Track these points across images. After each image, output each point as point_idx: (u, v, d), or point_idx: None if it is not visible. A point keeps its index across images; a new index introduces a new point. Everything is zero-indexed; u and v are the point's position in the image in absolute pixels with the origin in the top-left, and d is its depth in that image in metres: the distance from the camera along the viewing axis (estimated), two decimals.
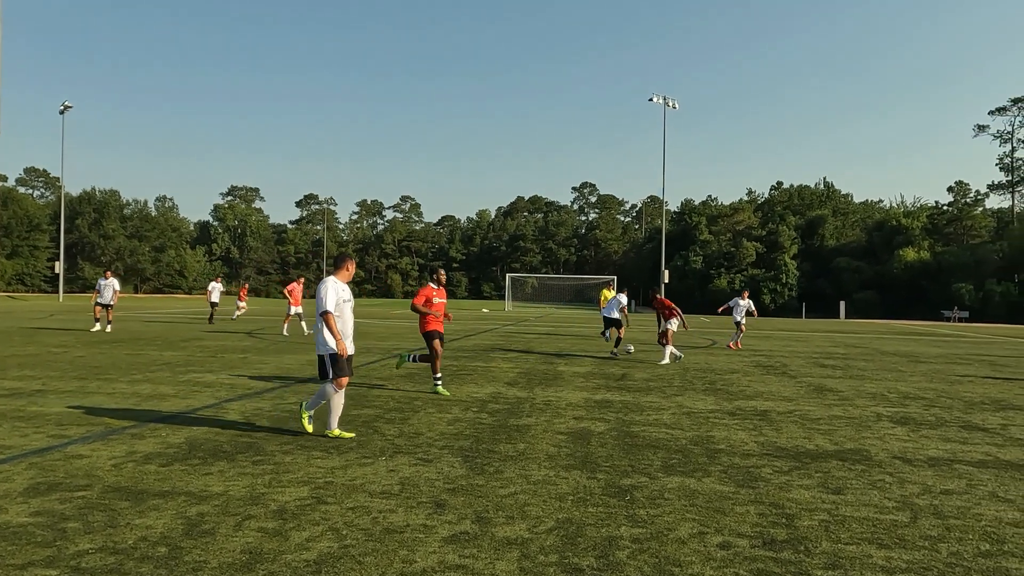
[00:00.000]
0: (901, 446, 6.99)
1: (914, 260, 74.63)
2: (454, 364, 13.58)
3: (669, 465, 5.94)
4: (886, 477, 5.73)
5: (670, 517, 4.54)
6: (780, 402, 9.73)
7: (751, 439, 7.13)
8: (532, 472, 5.58)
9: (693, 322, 41.03)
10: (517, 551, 3.88)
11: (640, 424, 7.81)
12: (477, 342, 19.92)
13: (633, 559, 3.80)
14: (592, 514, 4.56)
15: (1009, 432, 7.90)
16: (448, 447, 6.40)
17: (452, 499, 4.80)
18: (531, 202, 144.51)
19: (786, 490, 5.26)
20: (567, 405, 9.02)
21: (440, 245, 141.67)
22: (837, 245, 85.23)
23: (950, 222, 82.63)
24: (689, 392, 10.50)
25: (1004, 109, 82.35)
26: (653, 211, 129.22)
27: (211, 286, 27.91)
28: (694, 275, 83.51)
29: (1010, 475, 5.92)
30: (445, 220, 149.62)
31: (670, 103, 62.63)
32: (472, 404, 8.89)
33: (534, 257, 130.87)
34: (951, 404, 9.94)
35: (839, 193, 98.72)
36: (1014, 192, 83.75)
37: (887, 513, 4.75)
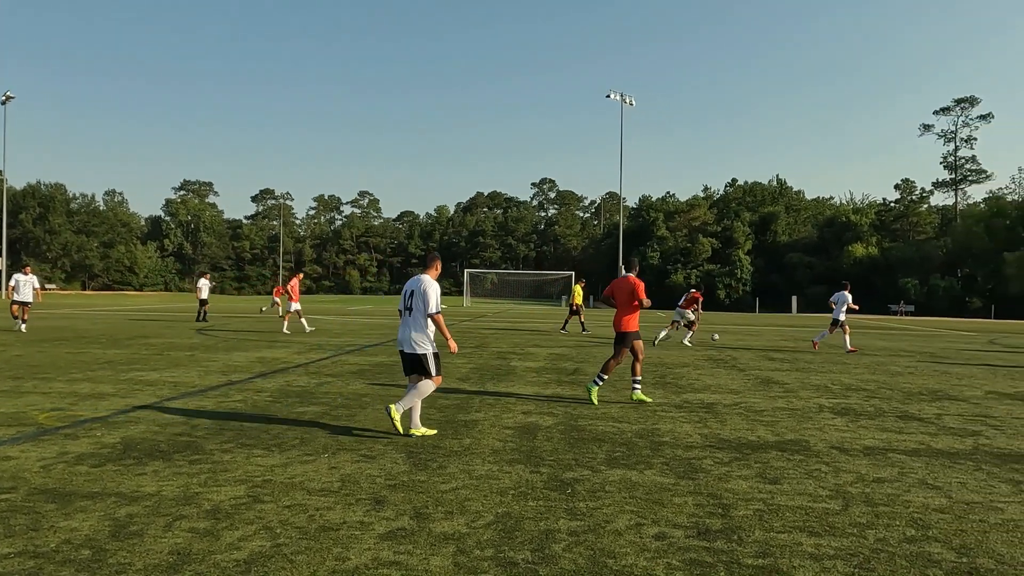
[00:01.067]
0: (839, 436, 7.16)
1: (863, 256, 76.65)
2: None
3: (613, 458, 5.99)
4: (823, 467, 5.87)
5: (609, 509, 4.57)
6: (727, 395, 9.89)
7: (695, 431, 7.23)
8: (475, 467, 5.57)
9: (651, 316, 41.46)
10: (453, 546, 3.86)
11: (588, 418, 7.85)
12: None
13: (568, 551, 3.82)
14: (532, 508, 4.56)
15: (943, 421, 8.16)
16: (393, 443, 6.35)
17: (392, 495, 4.76)
18: (490, 198, 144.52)
19: (725, 481, 5.34)
20: (517, 400, 9.03)
21: (399, 241, 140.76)
22: (790, 241, 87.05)
23: (897, 219, 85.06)
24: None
25: (948, 109, 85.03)
26: (612, 207, 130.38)
27: (200, 283, 27.02)
28: (651, 271, 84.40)
29: (940, 463, 6.10)
30: (404, 216, 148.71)
31: (627, 100, 63.16)
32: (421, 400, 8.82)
33: (494, 253, 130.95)
34: (890, 395, 10.22)
35: (791, 190, 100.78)
36: (957, 190, 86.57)
37: (820, 502, 4.86)
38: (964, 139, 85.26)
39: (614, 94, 62.64)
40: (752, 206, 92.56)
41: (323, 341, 17.80)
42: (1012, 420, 8.35)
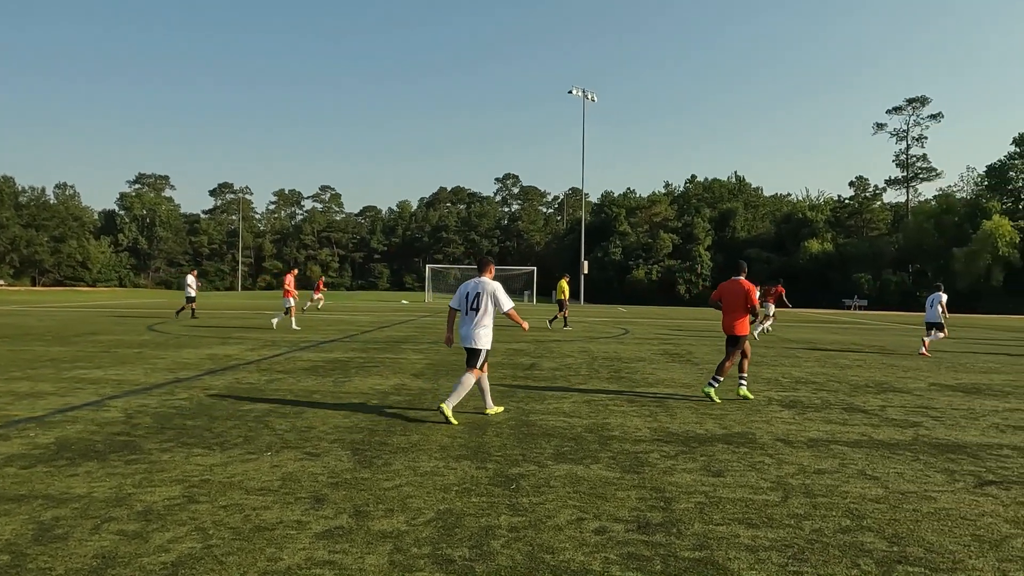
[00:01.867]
0: (785, 428, 7.27)
1: (818, 251, 78.17)
2: (362, 356, 13.36)
3: (561, 453, 5.98)
4: (766, 459, 5.94)
5: (552, 505, 4.56)
6: (679, 388, 9.98)
7: (645, 425, 7.27)
8: (421, 464, 5.52)
9: (612, 313, 41.77)
10: (391, 544, 3.81)
11: (539, 413, 7.85)
12: (391, 334, 19.68)
13: (507, 548, 3.80)
14: (475, 504, 4.53)
15: (886, 413, 8.34)
16: (339, 440, 6.26)
17: (333, 493, 4.68)
18: (454, 193, 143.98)
19: (670, 474, 5.38)
20: (469, 396, 8.97)
21: (361, 236, 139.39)
22: (748, 237, 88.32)
23: (851, 215, 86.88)
24: (593, 380, 10.64)
25: (900, 108, 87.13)
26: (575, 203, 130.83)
27: (188, 280, 26.37)
28: (613, 266, 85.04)
29: (880, 454, 6.23)
30: (366, 211, 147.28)
31: (589, 96, 63.41)
32: (373, 396, 8.74)
33: (457, 248, 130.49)
34: (838, 388, 10.42)
35: (750, 186, 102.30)
36: (908, 187, 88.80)
37: (761, 494, 4.92)
38: (915, 138, 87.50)
39: (576, 90, 62.83)
40: (712, 202, 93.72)
41: (278, 337, 17.53)
42: (952, 411, 8.57)
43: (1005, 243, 65.22)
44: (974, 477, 5.49)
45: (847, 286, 72.03)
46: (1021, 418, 8.18)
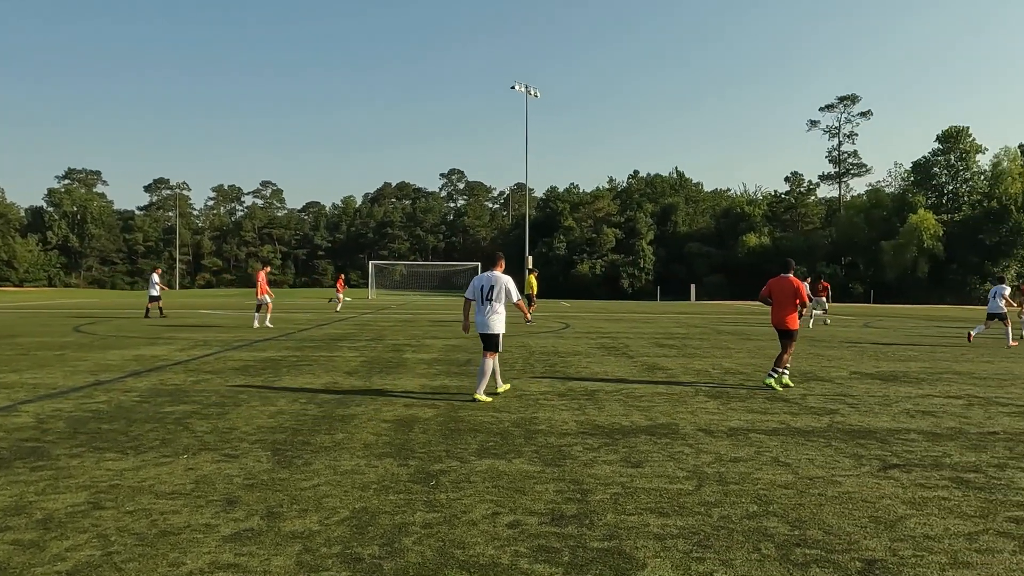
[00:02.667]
0: (708, 419, 7.45)
1: (756, 245, 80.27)
2: (296, 355, 13.15)
3: (485, 448, 6.00)
4: (686, 448, 6.08)
5: (469, 500, 4.58)
6: (611, 382, 10.12)
7: (572, 418, 7.36)
8: (342, 462, 5.46)
9: (555, 308, 42.06)
10: (300, 545, 3.77)
11: (470, 408, 7.86)
12: (329, 332, 19.42)
13: (418, 544, 3.79)
14: (391, 502, 4.51)
15: (806, 401, 8.62)
16: (261, 441, 6.15)
17: (247, 495, 4.60)
18: (399, 188, 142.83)
19: (590, 466, 5.45)
20: (402, 392, 8.94)
21: (304, 232, 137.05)
22: (689, 231, 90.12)
23: (787, 210, 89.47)
24: (528, 375, 10.71)
25: (832, 106, 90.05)
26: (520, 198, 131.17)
27: (153, 278, 25.67)
28: (558, 261, 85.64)
29: (795, 441, 6.44)
30: (309, 206, 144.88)
31: (532, 91, 63.61)
32: (302, 395, 8.61)
33: (402, 244, 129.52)
34: (764, 378, 10.71)
35: (690, 182, 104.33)
36: (841, 183, 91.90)
37: (676, 483, 5.03)
38: (847, 135, 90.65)
39: (519, 85, 62.95)
40: (653, 197, 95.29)
41: (210, 337, 17.11)
42: (868, 398, 8.92)
43: (929, 236, 68.11)
44: (880, 461, 5.73)
45: None
46: (931, 404, 8.57)
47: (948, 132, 76.69)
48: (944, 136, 76.98)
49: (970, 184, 76.62)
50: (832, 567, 3.55)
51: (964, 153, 76.45)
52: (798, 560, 3.64)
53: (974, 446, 6.31)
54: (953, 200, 77.59)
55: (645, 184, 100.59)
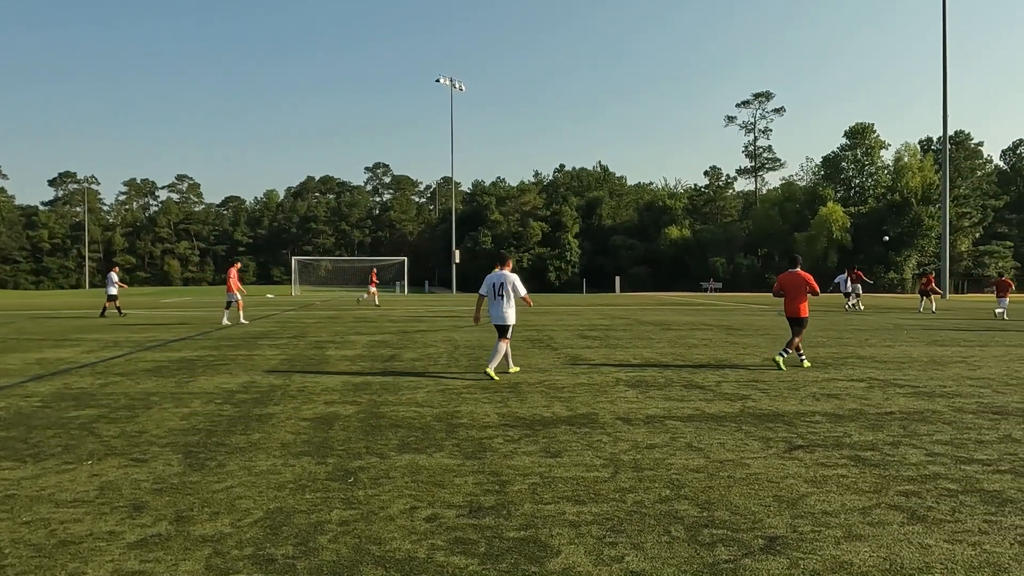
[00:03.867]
0: (627, 408, 7.62)
1: (678, 237, 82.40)
2: (213, 354, 12.75)
3: (406, 443, 5.98)
4: (604, 437, 6.21)
5: (387, 496, 4.56)
6: (534, 373, 10.23)
7: (494, 411, 7.40)
8: (258, 463, 5.35)
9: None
10: (210, 548, 3.67)
11: (392, 404, 7.81)
12: (248, 330, 18.90)
13: (334, 542, 3.76)
14: (307, 501, 4.45)
15: (721, 388, 8.93)
16: (172, 444, 5.95)
17: (155, 500, 4.45)
18: (322, 182, 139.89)
19: (510, 458, 5.51)
20: (323, 390, 8.80)
21: (224, 228, 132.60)
22: (613, 224, 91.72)
23: (707, 203, 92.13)
24: (452, 369, 10.71)
25: (748, 103, 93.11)
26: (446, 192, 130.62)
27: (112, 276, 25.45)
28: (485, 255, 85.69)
29: (708, 427, 6.67)
30: (229, 201, 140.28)
31: (457, 85, 63.41)
32: (218, 395, 8.37)
33: (327, 239, 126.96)
34: (682, 366, 11.05)
35: (614, 176, 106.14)
36: (756, 177, 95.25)
37: (593, 471, 5.14)
38: (762, 130, 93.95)
39: (444, 79, 62.67)
40: (579, 191, 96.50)
41: (122, 338, 16.40)
42: (778, 383, 9.31)
43: (838, 227, 71.41)
44: (786, 443, 6.00)
45: (704, 269, 76.40)
46: (835, 387, 9.01)
47: (855, 128, 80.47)
48: (851, 132, 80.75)
49: (875, 178, 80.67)
50: (736, 545, 3.71)
51: (869, 149, 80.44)
52: (705, 540, 3.78)
53: (872, 426, 6.68)
54: (860, 193, 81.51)
55: (570, 178, 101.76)
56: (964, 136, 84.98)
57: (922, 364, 11.30)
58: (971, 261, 77.76)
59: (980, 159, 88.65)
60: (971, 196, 79.53)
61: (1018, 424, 6.74)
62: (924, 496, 4.53)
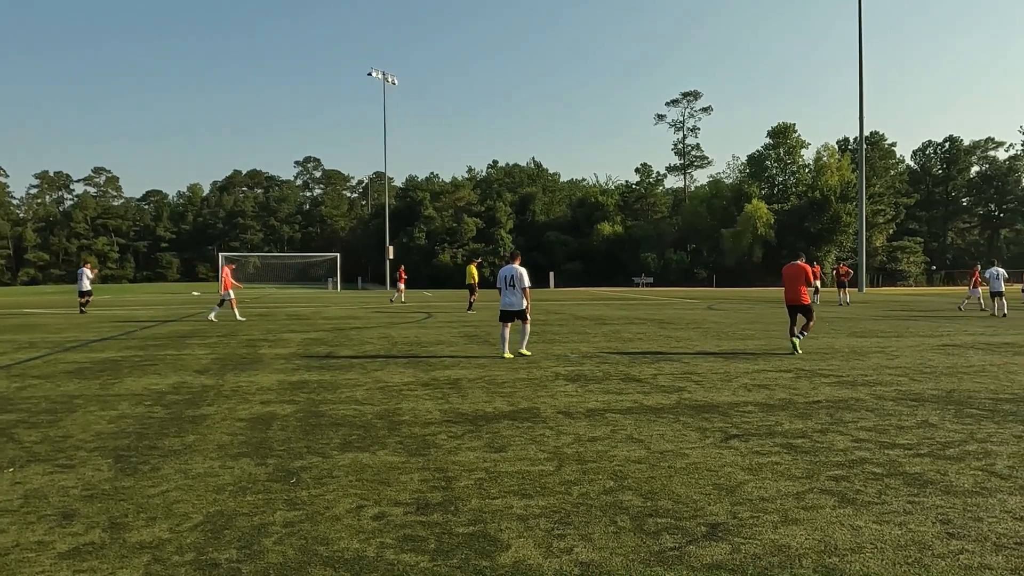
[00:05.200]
0: (568, 401, 7.71)
1: (610, 233, 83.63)
2: (139, 354, 12.27)
3: (348, 442, 5.90)
4: (547, 431, 6.27)
5: (332, 495, 4.49)
6: (474, 369, 10.24)
7: (436, 408, 7.38)
8: (194, 466, 5.18)
9: (418, 297, 41.83)
10: (149, 555, 3.55)
11: (331, 403, 7.69)
12: (176, 328, 18.25)
13: (279, 544, 3.68)
14: (249, 503, 4.34)
15: (657, 381, 9.14)
16: (100, 448, 5.71)
17: (86, 507, 4.27)
18: (250, 176, 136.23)
19: (454, 454, 5.51)
20: (258, 390, 8.59)
21: (145, 223, 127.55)
22: (547, 220, 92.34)
23: (638, 199, 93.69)
24: (390, 367, 10.61)
25: (677, 101, 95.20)
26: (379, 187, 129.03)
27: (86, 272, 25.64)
28: (419, 251, 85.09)
29: (647, 418, 6.82)
30: (150, 195, 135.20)
31: (389, 79, 62.71)
32: (147, 397, 8.06)
33: (255, 235, 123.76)
34: (619, 360, 11.25)
35: (547, 172, 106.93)
36: (685, 174, 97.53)
37: (537, 465, 5.19)
38: (690, 128, 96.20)
39: (376, 72, 61.88)
40: (512, 187, 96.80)
41: (38, 338, 15.60)
42: (712, 375, 9.58)
43: (763, 224, 73.83)
44: (722, 433, 6.19)
45: (636, 265, 77.84)
46: (765, 378, 9.34)
47: (778, 128, 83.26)
48: (774, 132, 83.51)
49: (796, 176, 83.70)
50: (681, 533, 3.81)
51: (791, 148, 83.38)
52: (651, 529, 3.87)
53: (801, 414, 6.95)
54: (783, 191, 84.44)
55: (504, 174, 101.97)
56: (879, 137, 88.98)
57: (844, 355, 11.82)
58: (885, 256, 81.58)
59: (893, 159, 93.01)
60: (885, 194, 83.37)
61: (934, 410, 7.14)
62: (852, 480, 4.75)
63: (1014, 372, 9.77)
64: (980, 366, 10.38)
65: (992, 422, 6.57)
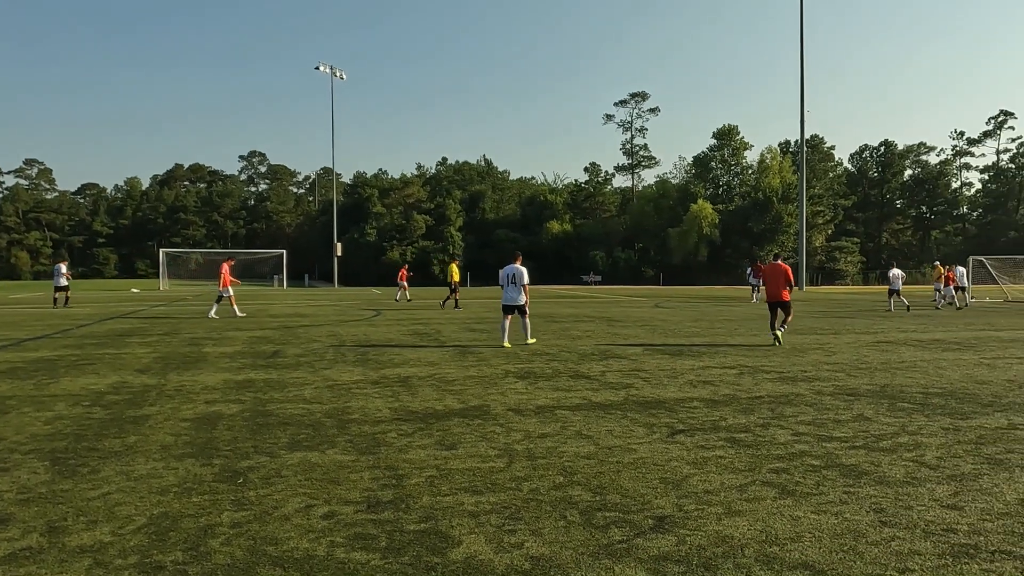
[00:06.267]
0: (518, 399, 7.77)
1: (559, 232, 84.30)
2: (75, 353, 11.86)
3: (296, 441, 5.84)
4: (497, 428, 6.32)
5: (281, 495, 4.44)
6: (424, 367, 10.21)
7: (386, 406, 7.35)
8: (137, 467, 5.06)
9: (366, 295, 41.41)
10: (90, 559, 3.46)
11: (278, 402, 7.58)
12: (114, 327, 17.69)
13: (227, 545, 3.63)
14: (195, 504, 4.27)
15: (605, 378, 9.27)
16: (36, 451, 5.52)
17: (22, 511, 4.13)
18: (192, 170, 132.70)
19: (405, 452, 5.50)
20: (202, 389, 8.41)
21: (80, 218, 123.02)
22: (497, 218, 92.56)
23: (587, 198, 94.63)
24: (339, 365, 10.50)
25: (625, 102, 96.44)
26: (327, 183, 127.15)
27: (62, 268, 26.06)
28: (368, 248, 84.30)
29: (596, 415, 6.92)
30: (86, 188, 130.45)
31: (337, 73, 61.88)
32: (85, 398, 7.81)
33: (198, 231, 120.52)
34: (568, 357, 11.37)
35: (497, 170, 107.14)
36: (633, 173, 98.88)
37: (488, 461, 5.22)
38: (638, 129, 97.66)
39: (323, 66, 61.00)
40: (462, 184, 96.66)
41: None
42: (658, 372, 9.77)
43: (708, 224, 75.43)
44: (668, 428, 6.33)
45: (584, 263, 78.59)
46: (710, 374, 9.57)
47: (722, 130, 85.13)
48: (719, 133, 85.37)
49: (740, 177, 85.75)
50: (629, 526, 3.90)
51: (735, 150, 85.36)
52: (599, 523, 3.95)
53: (744, 409, 7.16)
54: (727, 191, 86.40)
55: (454, 171, 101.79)
56: (818, 140, 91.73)
57: (785, 351, 12.18)
58: (824, 256, 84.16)
59: (832, 162, 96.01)
60: (824, 196, 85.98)
61: (869, 404, 7.43)
62: (792, 472, 4.93)
63: (943, 367, 10.23)
64: (912, 362, 10.84)
65: (922, 415, 6.88)
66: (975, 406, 7.35)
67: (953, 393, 8.11)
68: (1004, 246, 74.79)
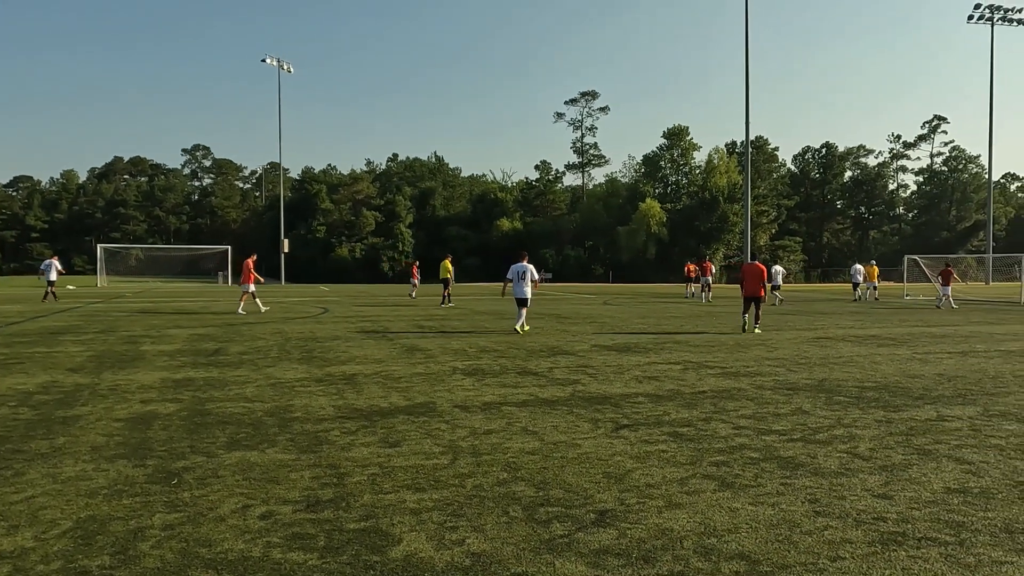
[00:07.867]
0: (464, 396, 7.74)
1: (509, 229, 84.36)
2: (4, 352, 11.36)
3: (235, 440, 5.70)
4: (443, 425, 6.27)
5: (216, 496, 4.32)
6: (370, 364, 10.09)
7: (330, 404, 7.24)
8: (64, 469, 4.86)
9: (314, 292, 40.77)
10: (9, 565, 3.31)
11: (218, 400, 7.39)
12: (47, 324, 17.02)
13: (157, 548, 3.51)
14: (125, 506, 4.12)
15: (553, 374, 9.30)
16: None
17: None
18: (132, 164, 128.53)
19: (348, 450, 5.42)
20: (138, 388, 8.14)
21: (13, 211, 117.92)
22: (447, 215, 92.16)
23: (537, 196, 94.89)
24: (283, 362, 10.30)
25: (575, 100, 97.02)
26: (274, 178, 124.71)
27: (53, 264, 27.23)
28: (316, 244, 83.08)
29: (543, 411, 6.94)
30: (19, 181, 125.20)
31: (285, 66, 60.78)
32: (11, 398, 7.49)
33: (139, 226, 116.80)
34: (516, 354, 11.37)
35: (448, 167, 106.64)
36: (584, 172, 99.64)
37: (432, 458, 5.18)
38: (588, 128, 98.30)
39: (270, 59, 59.82)
40: (412, 181, 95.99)
41: None
42: (605, 368, 9.85)
43: (656, 222, 76.48)
44: (613, 423, 6.38)
45: (534, 261, 77.67)
46: (655, 370, 9.69)
47: (672, 130, 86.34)
48: (669, 133, 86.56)
49: (688, 177, 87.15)
50: (570, 521, 3.91)
51: (684, 150, 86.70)
52: (542, 518, 3.95)
53: (688, 404, 7.26)
54: (675, 191, 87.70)
55: (404, 168, 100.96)
56: (763, 141, 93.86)
57: (729, 347, 12.43)
58: (768, 255, 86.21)
59: (776, 163, 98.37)
60: (768, 196, 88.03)
61: (807, 398, 7.63)
62: (732, 465, 5.02)
63: (878, 362, 10.57)
64: (849, 357, 11.17)
65: (857, 408, 7.09)
66: (907, 399, 7.61)
67: (887, 387, 8.39)
68: (937, 246, 77.87)
